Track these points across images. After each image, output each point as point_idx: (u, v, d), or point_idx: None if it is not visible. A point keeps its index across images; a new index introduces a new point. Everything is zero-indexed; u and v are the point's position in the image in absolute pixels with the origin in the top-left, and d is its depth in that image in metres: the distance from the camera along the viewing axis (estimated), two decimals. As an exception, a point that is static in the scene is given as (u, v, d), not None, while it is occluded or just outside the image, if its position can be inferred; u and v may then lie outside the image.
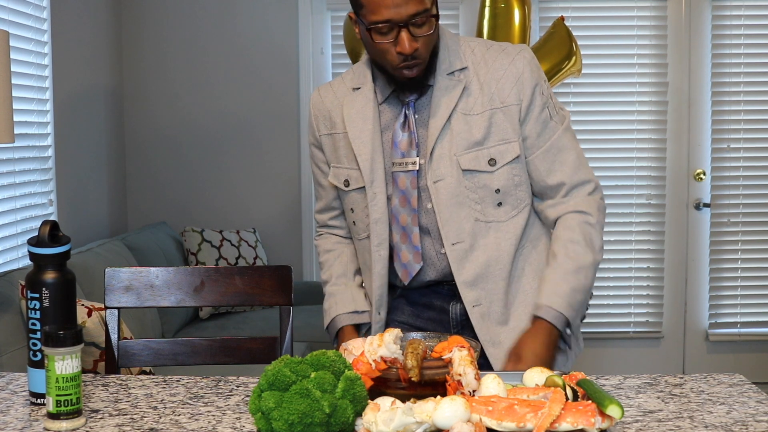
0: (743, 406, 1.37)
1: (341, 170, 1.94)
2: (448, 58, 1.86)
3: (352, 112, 1.90)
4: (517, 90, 1.84)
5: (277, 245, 4.40)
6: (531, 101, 1.84)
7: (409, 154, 1.85)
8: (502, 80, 1.84)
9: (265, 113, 4.37)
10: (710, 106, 4.32)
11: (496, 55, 1.87)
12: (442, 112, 1.83)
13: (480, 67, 1.86)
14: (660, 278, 4.41)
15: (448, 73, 1.85)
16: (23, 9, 3.21)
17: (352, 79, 1.95)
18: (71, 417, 1.29)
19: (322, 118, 1.98)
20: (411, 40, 1.74)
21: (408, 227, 1.87)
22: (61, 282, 1.44)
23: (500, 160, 1.83)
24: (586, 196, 1.87)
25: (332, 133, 1.96)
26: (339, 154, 1.95)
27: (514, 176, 1.85)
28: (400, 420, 1.18)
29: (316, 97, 2.01)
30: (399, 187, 1.86)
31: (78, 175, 3.73)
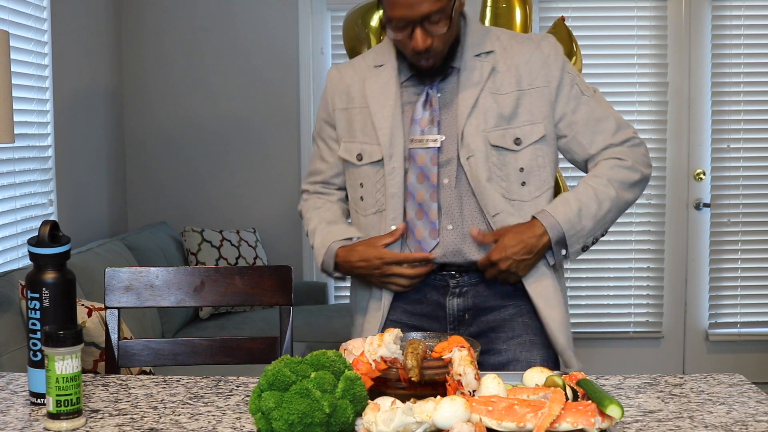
0: (743, 406, 1.37)
1: (354, 144, 1.96)
2: (476, 42, 1.91)
3: (375, 87, 1.93)
4: (545, 72, 1.89)
5: (277, 245, 4.40)
6: (560, 81, 1.90)
7: (430, 131, 1.88)
8: (529, 63, 1.90)
9: (265, 113, 4.37)
10: (710, 106, 4.32)
11: (522, 41, 1.93)
12: (471, 90, 1.87)
13: (506, 51, 1.91)
14: (660, 278, 4.41)
15: (476, 54, 1.90)
16: (23, 9, 3.21)
17: (374, 57, 1.99)
18: (71, 417, 1.29)
19: (339, 93, 2.00)
20: (424, 37, 1.79)
21: (425, 203, 1.88)
22: (61, 282, 1.44)
23: (525, 140, 1.88)
24: (627, 149, 1.92)
25: (348, 108, 1.98)
26: (353, 128, 1.97)
27: (537, 157, 1.89)
28: (400, 420, 1.18)
29: (335, 72, 2.03)
30: (417, 163, 1.88)
31: (78, 175, 3.73)
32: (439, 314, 1.94)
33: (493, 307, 1.93)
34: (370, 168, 1.94)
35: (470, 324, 1.93)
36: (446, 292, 1.93)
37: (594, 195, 1.87)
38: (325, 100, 2.04)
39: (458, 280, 1.92)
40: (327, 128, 2.04)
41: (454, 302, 1.92)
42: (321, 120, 2.06)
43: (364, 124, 1.95)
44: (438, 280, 1.93)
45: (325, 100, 2.04)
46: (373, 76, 1.95)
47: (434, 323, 1.94)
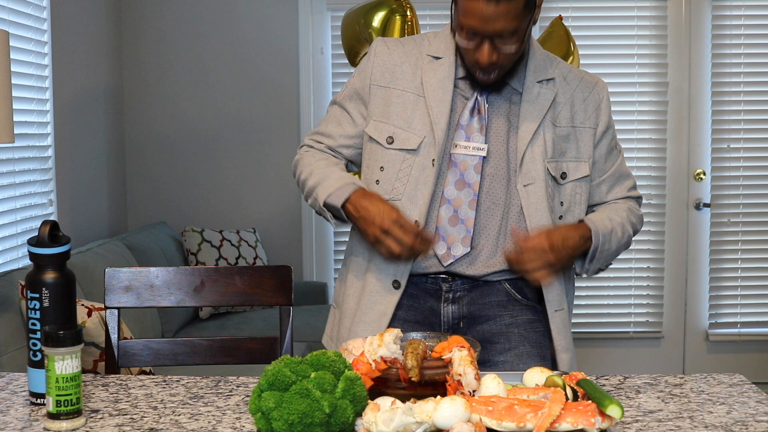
0: (743, 406, 1.37)
1: (387, 126, 1.89)
2: (538, 67, 1.89)
3: (433, 81, 1.87)
4: (596, 115, 1.93)
5: (277, 245, 4.40)
6: (606, 128, 1.95)
7: (477, 139, 1.85)
8: (585, 102, 1.92)
9: (266, 113, 4.37)
10: (710, 106, 4.33)
11: (578, 77, 1.94)
12: (534, 117, 1.85)
13: (565, 83, 1.91)
14: (660, 278, 4.41)
15: (538, 80, 1.88)
16: (23, 9, 3.21)
17: (430, 46, 1.92)
18: (71, 417, 1.29)
19: (383, 69, 1.92)
20: (491, 52, 1.75)
21: (462, 210, 1.85)
22: (61, 282, 1.44)
23: (570, 176, 1.90)
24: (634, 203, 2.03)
25: (389, 87, 1.91)
26: (389, 110, 1.90)
27: (576, 194, 1.91)
28: (400, 420, 1.18)
29: (383, 47, 1.95)
30: (458, 169, 1.86)
31: (78, 175, 3.73)
32: (433, 321, 1.91)
33: (489, 317, 1.90)
34: (398, 154, 1.88)
35: (465, 332, 1.89)
36: (440, 298, 1.90)
37: (622, 225, 1.93)
38: (365, 72, 1.95)
39: (451, 284, 1.90)
40: (356, 99, 1.96)
41: (449, 309, 1.90)
42: (352, 88, 1.97)
43: (403, 109, 1.88)
44: (430, 284, 1.90)
45: (366, 71, 1.95)
46: (432, 68, 1.88)
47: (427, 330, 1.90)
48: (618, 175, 1.99)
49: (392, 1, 3.25)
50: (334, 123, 2.00)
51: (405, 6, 3.26)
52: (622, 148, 2.03)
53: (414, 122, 1.87)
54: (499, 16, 1.68)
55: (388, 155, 1.89)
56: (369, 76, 1.94)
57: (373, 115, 1.92)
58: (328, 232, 4.45)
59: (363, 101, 1.95)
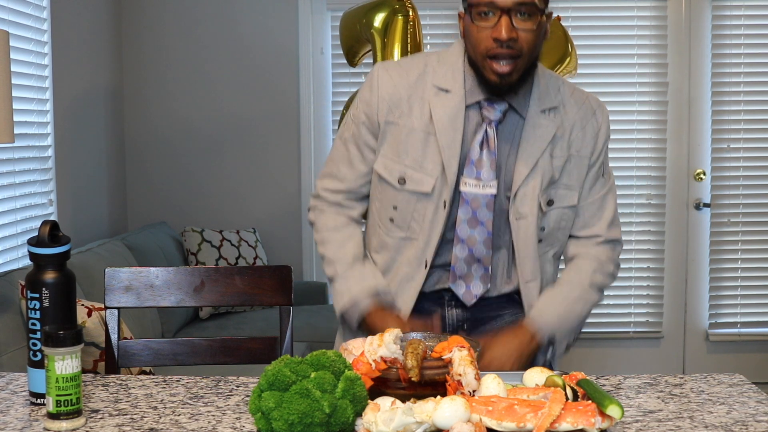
0: (743, 406, 1.37)
1: (397, 166, 1.83)
2: (543, 94, 1.83)
3: (444, 119, 1.79)
4: (593, 143, 1.87)
5: (277, 245, 4.40)
6: (598, 157, 1.89)
7: (487, 176, 1.80)
8: (583, 130, 1.86)
9: (266, 113, 4.37)
10: (710, 106, 4.32)
11: (580, 102, 1.88)
12: (533, 151, 1.80)
13: (566, 110, 1.86)
14: (660, 278, 4.41)
15: (542, 109, 1.82)
16: (23, 9, 3.21)
17: (435, 75, 1.83)
18: (71, 417, 1.29)
19: (390, 103, 1.84)
20: (510, 28, 1.67)
21: (477, 248, 1.82)
22: (61, 282, 1.44)
23: (557, 203, 1.85)
24: (611, 251, 1.93)
25: (397, 123, 1.83)
26: (399, 148, 1.83)
27: (561, 220, 1.87)
28: (400, 420, 1.18)
29: (387, 78, 1.85)
30: (471, 206, 1.81)
31: (78, 175, 3.73)
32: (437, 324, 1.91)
33: (491, 317, 1.91)
34: (411, 195, 1.83)
35: (468, 333, 1.89)
36: (443, 303, 1.90)
37: (579, 297, 1.87)
38: (371, 105, 1.85)
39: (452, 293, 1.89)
40: (366, 134, 1.87)
41: (453, 313, 1.90)
42: (359, 122, 1.88)
43: (414, 148, 1.81)
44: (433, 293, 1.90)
45: (371, 105, 1.85)
46: (440, 103, 1.80)
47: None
48: (599, 203, 1.91)
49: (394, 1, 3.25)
50: (345, 164, 1.91)
51: (407, 6, 3.25)
52: (613, 181, 1.95)
53: (426, 162, 1.80)
54: None
55: (401, 196, 1.84)
56: (375, 111, 1.85)
57: (382, 151, 1.85)
58: (328, 232, 4.44)
59: (372, 134, 1.87)
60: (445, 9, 4.16)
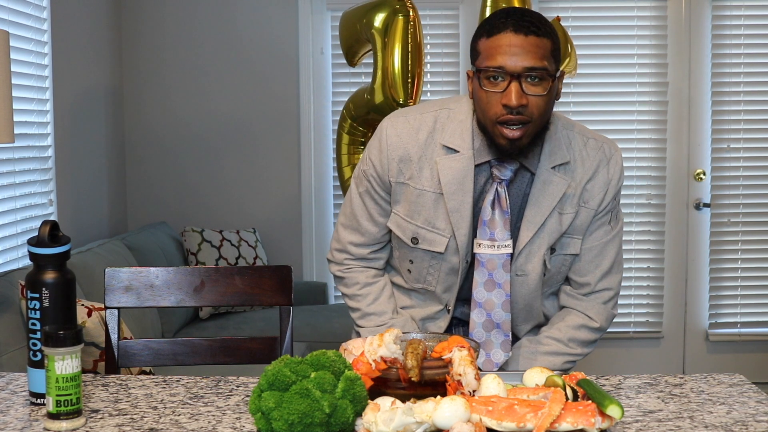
0: (743, 406, 1.37)
1: (410, 225, 1.83)
2: (554, 149, 1.79)
3: (453, 181, 1.77)
4: (602, 196, 1.83)
5: (277, 245, 4.40)
6: (606, 207, 1.85)
7: (503, 235, 1.78)
8: (593, 183, 1.82)
9: (265, 113, 4.37)
10: (710, 106, 4.32)
11: (593, 155, 1.83)
12: (542, 209, 1.78)
13: (577, 164, 1.82)
14: (660, 278, 4.41)
15: (552, 166, 1.79)
16: (23, 9, 3.21)
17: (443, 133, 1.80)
18: (71, 417, 1.29)
19: (399, 162, 1.82)
20: (520, 94, 1.65)
21: (496, 313, 1.81)
22: (61, 282, 1.44)
23: (559, 251, 1.84)
24: (601, 304, 1.89)
25: (408, 185, 1.82)
26: (411, 208, 1.82)
27: (561, 266, 1.86)
28: (400, 420, 1.18)
29: (395, 139, 1.83)
30: (486, 268, 1.79)
31: (78, 175, 3.73)
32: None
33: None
34: (425, 254, 1.84)
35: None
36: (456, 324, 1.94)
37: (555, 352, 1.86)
38: (381, 164, 1.84)
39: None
40: (380, 190, 1.86)
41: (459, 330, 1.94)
42: (371, 178, 1.86)
43: (425, 208, 1.80)
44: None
45: (381, 163, 1.83)
46: (449, 165, 1.77)
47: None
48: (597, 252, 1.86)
49: (395, 1, 3.25)
50: (365, 219, 1.90)
51: (408, 6, 3.25)
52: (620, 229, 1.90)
53: (437, 222, 1.80)
54: (527, 50, 1.63)
55: (416, 253, 1.86)
56: (386, 172, 1.84)
57: (395, 209, 1.86)
58: (328, 232, 4.44)
59: (384, 191, 1.87)
60: (445, 9, 4.16)
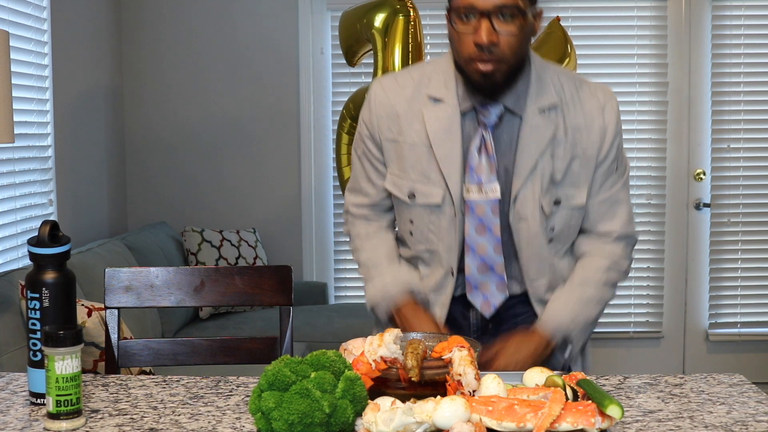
0: (743, 406, 1.37)
1: (405, 182, 1.83)
2: (539, 91, 1.78)
3: (439, 129, 1.79)
4: (599, 143, 1.81)
5: (277, 245, 4.40)
6: (607, 154, 1.83)
7: (489, 180, 1.77)
8: (588, 129, 1.80)
9: (265, 113, 4.37)
10: (710, 106, 4.32)
11: (585, 99, 1.82)
12: (532, 152, 1.77)
13: (569, 107, 1.80)
14: (660, 278, 4.41)
15: (540, 109, 1.78)
16: (23, 9, 3.21)
17: (429, 84, 1.82)
18: (71, 417, 1.29)
19: (387, 119, 1.84)
20: (490, 32, 1.65)
21: (489, 257, 1.81)
22: (61, 282, 1.44)
23: (564, 203, 1.81)
24: (624, 247, 1.89)
25: (398, 141, 1.83)
26: (404, 164, 1.83)
27: (571, 219, 1.83)
28: (400, 420, 1.18)
29: (381, 94, 1.86)
30: (476, 214, 1.79)
31: (78, 175, 3.73)
32: (462, 324, 1.90)
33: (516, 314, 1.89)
34: (423, 209, 1.83)
35: (493, 334, 1.86)
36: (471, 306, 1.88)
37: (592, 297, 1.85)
38: (371, 123, 1.87)
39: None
40: (374, 149, 1.88)
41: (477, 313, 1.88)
42: (365, 138, 1.89)
43: (418, 162, 1.81)
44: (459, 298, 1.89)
45: (371, 123, 1.87)
46: (435, 115, 1.79)
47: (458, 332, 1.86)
48: (612, 202, 1.86)
49: (395, 1, 3.24)
50: (365, 180, 1.93)
51: (408, 6, 3.25)
52: (627, 176, 1.90)
53: (431, 174, 1.81)
54: None
55: (414, 210, 1.85)
56: (376, 130, 1.86)
57: (390, 169, 1.87)
58: (328, 232, 4.45)
59: (378, 148, 1.89)
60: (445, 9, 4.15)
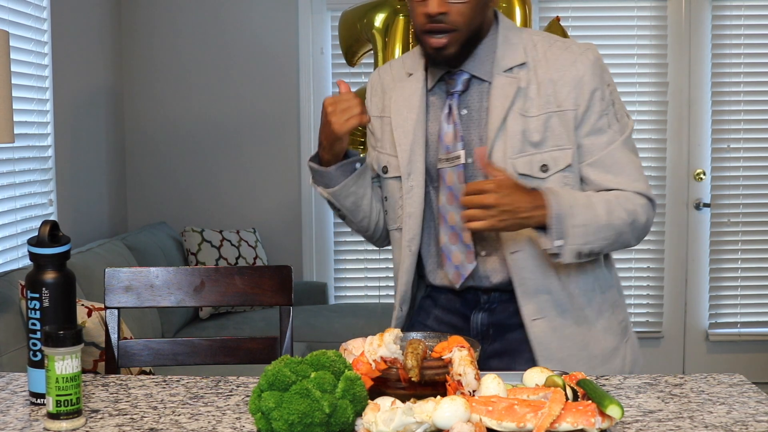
0: (743, 406, 1.37)
1: (382, 155, 1.89)
2: (507, 53, 1.76)
3: (400, 100, 1.83)
4: (575, 94, 1.73)
5: (277, 245, 4.40)
6: (588, 107, 1.74)
7: (455, 147, 1.77)
8: (560, 82, 1.74)
9: (266, 113, 4.37)
10: (710, 106, 4.33)
11: (558, 54, 1.76)
12: (498, 111, 1.73)
13: (540, 64, 1.75)
14: (660, 278, 4.41)
15: (506, 69, 1.75)
16: (23, 9, 3.21)
17: (410, 62, 1.87)
18: (71, 417, 1.29)
19: (377, 99, 1.92)
20: (439, 2, 1.66)
21: (458, 226, 1.78)
22: (61, 282, 1.44)
23: (552, 167, 1.74)
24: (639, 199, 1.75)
25: (382, 116, 1.90)
26: (384, 138, 1.89)
27: (565, 184, 1.74)
28: (400, 420, 1.18)
29: (375, 77, 1.95)
30: (446, 183, 1.78)
31: (78, 175, 3.73)
32: (463, 327, 1.85)
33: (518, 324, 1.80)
34: (394, 182, 1.85)
35: (495, 340, 1.83)
36: (475, 306, 1.85)
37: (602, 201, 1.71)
38: (367, 104, 1.94)
39: (490, 296, 1.83)
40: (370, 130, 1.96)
41: (478, 317, 1.84)
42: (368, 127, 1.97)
43: (391, 136, 1.85)
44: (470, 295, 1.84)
45: (369, 105, 1.94)
46: (401, 88, 1.84)
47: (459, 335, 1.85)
48: (611, 162, 1.74)
49: (395, 1, 3.24)
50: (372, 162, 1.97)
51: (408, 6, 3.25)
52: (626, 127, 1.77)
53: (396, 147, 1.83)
54: None
55: (388, 185, 1.88)
56: (371, 110, 1.93)
57: (374, 145, 1.92)
58: (328, 232, 4.45)
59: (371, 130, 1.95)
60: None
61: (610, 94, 1.77)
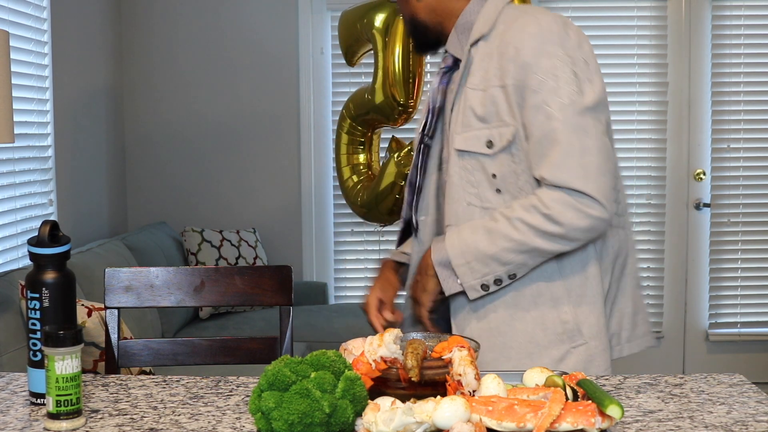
0: (743, 406, 1.37)
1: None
2: (478, 26, 1.73)
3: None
4: (514, 67, 1.63)
5: (277, 245, 4.40)
6: (525, 82, 1.63)
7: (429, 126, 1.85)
8: (503, 55, 1.66)
9: (266, 113, 4.37)
10: (710, 106, 4.33)
11: (511, 24, 1.68)
12: (454, 86, 1.76)
13: (497, 35, 1.69)
14: (660, 278, 4.41)
15: (473, 43, 1.72)
16: (23, 9, 3.21)
17: None
18: (71, 417, 1.29)
19: None
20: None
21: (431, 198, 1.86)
22: (61, 282, 1.44)
23: (497, 143, 1.66)
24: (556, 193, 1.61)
25: None
26: None
27: (512, 163, 1.66)
28: (400, 420, 1.18)
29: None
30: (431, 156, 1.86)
31: (78, 175, 3.73)
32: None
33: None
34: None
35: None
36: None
37: (488, 228, 1.65)
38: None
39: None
40: None
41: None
42: None
43: None
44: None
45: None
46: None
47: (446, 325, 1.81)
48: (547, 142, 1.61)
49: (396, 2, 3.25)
50: None
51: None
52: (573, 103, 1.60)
53: None
54: None
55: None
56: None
57: None
58: (328, 232, 4.45)
59: None
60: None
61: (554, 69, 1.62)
